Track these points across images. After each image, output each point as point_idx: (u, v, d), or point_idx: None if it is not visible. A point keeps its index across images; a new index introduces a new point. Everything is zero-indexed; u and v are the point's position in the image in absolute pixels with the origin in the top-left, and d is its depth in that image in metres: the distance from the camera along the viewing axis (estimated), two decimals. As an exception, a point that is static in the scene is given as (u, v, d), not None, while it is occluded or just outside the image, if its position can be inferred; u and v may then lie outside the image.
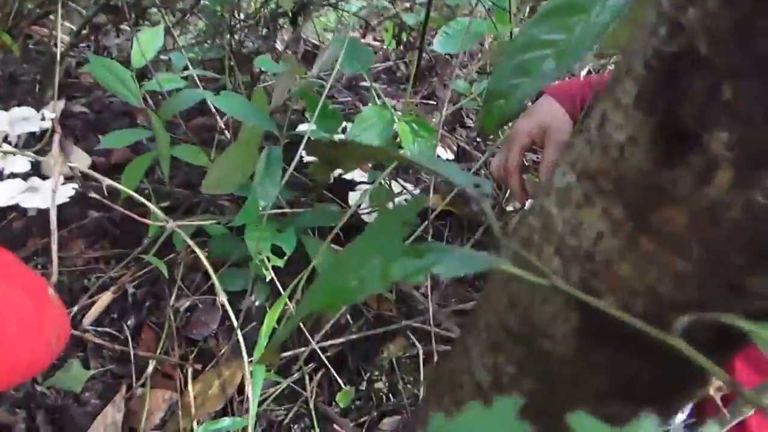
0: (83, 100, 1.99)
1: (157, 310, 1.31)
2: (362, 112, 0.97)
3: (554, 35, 0.52)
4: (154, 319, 1.29)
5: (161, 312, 1.30)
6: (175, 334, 1.24)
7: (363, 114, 0.97)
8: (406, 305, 1.35)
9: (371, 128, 0.96)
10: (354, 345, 1.26)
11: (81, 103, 1.98)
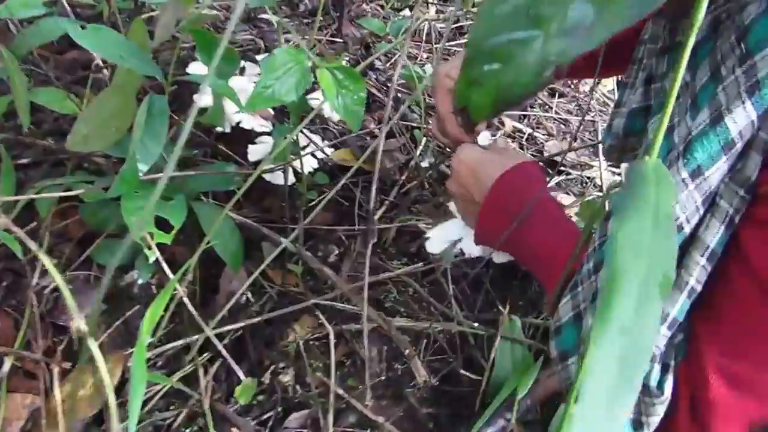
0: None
1: (16, 290, 1.09)
2: (273, 57, 0.78)
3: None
4: (13, 303, 1.06)
5: (22, 293, 1.08)
6: (38, 321, 1.03)
7: (275, 58, 0.77)
8: (313, 279, 1.19)
9: (286, 77, 0.77)
10: (255, 329, 1.09)
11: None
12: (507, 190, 0.93)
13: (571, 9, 0.34)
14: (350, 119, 0.80)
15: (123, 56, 0.93)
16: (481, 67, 0.37)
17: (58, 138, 1.33)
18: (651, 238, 0.35)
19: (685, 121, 0.65)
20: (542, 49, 0.34)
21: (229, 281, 1.13)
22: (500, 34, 0.36)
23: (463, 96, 0.38)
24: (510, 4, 0.36)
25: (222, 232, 1.05)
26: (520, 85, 0.35)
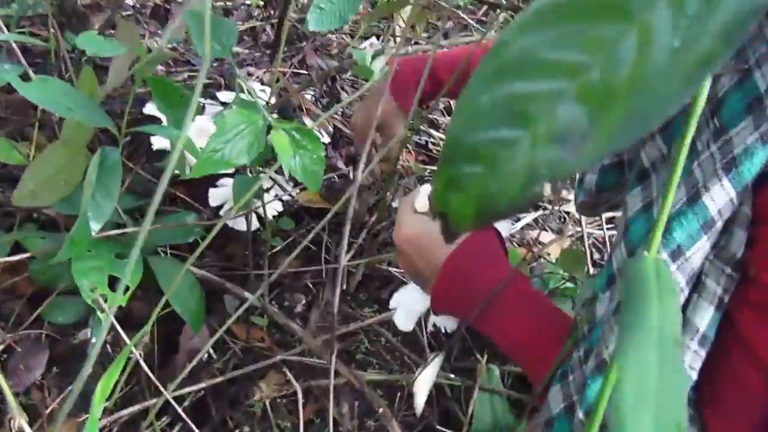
0: None
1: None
2: (223, 118, 0.73)
3: (569, 53, 0.30)
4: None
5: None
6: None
7: (227, 120, 0.72)
8: (279, 332, 1.13)
9: (237, 139, 0.72)
10: (218, 389, 1.03)
11: None
12: (459, 273, 0.84)
13: (561, 109, 0.29)
14: (309, 180, 0.76)
15: (71, 108, 0.88)
16: (462, 168, 0.31)
17: (8, 185, 1.26)
18: (657, 378, 0.31)
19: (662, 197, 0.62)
20: (530, 157, 0.29)
21: (189, 338, 1.07)
22: (482, 131, 0.31)
23: (442, 200, 0.33)
24: (491, 96, 0.31)
25: (181, 290, 1.00)
26: (506, 196, 0.30)
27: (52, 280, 1.04)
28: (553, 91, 0.29)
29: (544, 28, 0.30)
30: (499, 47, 0.31)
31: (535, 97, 0.30)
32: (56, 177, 0.94)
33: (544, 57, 0.30)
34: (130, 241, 1.00)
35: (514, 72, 0.30)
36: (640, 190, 0.66)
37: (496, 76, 0.31)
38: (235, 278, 1.13)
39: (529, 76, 0.30)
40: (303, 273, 1.23)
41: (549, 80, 0.29)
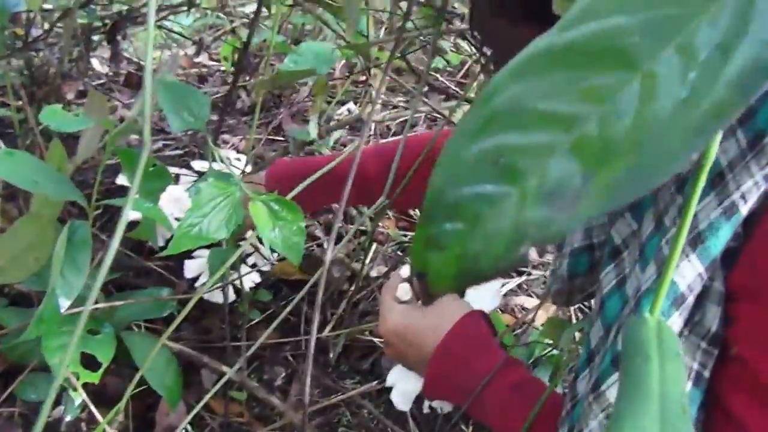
0: None
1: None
2: (199, 191, 0.71)
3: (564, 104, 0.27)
4: None
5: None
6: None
7: (202, 194, 0.70)
8: (259, 406, 1.09)
9: (214, 213, 0.70)
10: (196, 467, 0.99)
11: None
12: (450, 365, 0.83)
13: (552, 162, 0.26)
14: (290, 252, 0.73)
15: (38, 182, 0.85)
16: (442, 226, 0.29)
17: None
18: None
19: (635, 273, 0.62)
20: (517, 215, 0.27)
21: (165, 415, 1.03)
22: (466, 186, 0.28)
23: (420, 259, 0.30)
24: (476, 148, 0.28)
25: (157, 365, 0.96)
26: (489, 256, 0.27)
27: (23, 356, 1.00)
28: (545, 144, 0.27)
29: (538, 76, 0.28)
30: (487, 96, 0.29)
31: (525, 151, 0.27)
32: (25, 253, 0.91)
33: (536, 107, 0.27)
34: (103, 316, 0.97)
35: (503, 123, 0.28)
36: (614, 267, 0.66)
37: (483, 126, 0.28)
38: (213, 351, 1.10)
39: (520, 127, 0.28)
40: (282, 345, 1.20)
41: (541, 132, 0.27)
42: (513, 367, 0.81)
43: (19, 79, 1.47)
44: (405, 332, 0.85)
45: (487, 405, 0.79)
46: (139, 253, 1.23)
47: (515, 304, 1.45)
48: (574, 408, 0.67)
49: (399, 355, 0.88)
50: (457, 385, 0.82)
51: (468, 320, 0.84)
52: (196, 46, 2.30)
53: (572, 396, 0.68)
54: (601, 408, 0.61)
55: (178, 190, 1.28)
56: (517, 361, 0.82)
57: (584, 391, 0.65)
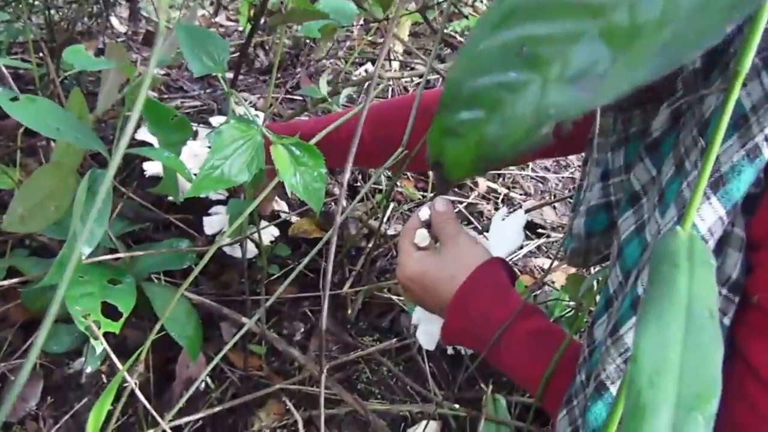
0: None
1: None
2: (220, 133, 0.69)
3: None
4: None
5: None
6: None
7: (223, 135, 0.69)
8: (278, 359, 1.10)
9: (236, 156, 0.69)
10: (216, 418, 0.99)
11: None
12: (467, 310, 0.82)
13: (578, 50, 0.26)
14: (310, 198, 0.72)
15: (60, 129, 0.84)
16: (460, 115, 0.29)
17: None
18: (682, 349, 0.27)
19: (654, 218, 0.61)
20: (539, 99, 0.27)
21: (185, 367, 1.04)
22: (486, 75, 0.28)
23: (437, 147, 0.30)
24: (498, 40, 0.28)
25: (177, 316, 0.96)
26: (508, 140, 0.27)
27: (44, 307, 1.00)
28: (571, 32, 0.27)
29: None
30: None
31: (549, 39, 0.27)
32: (46, 202, 0.90)
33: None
34: (123, 266, 0.97)
35: (527, 14, 0.28)
36: (632, 213, 0.66)
37: (506, 18, 0.28)
38: (232, 305, 1.10)
39: (544, 17, 0.28)
40: (301, 300, 1.20)
41: (567, 21, 0.27)
42: (531, 315, 0.80)
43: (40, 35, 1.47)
44: (423, 279, 0.85)
45: (504, 353, 0.78)
46: (158, 207, 1.23)
47: (534, 265, 1.44)
48: (592, 354, 0.66)
49: (417, 300, 0.88)
50: (474, 334, 0.81)
51: (485, 269, 0.82)
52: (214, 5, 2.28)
53: (590, 342, 0.68)
54: (619, 352, 0.60)
55: (197, 145, 1.27)
56: (536, 309, 0.81)
57: (602, 336, 0.65)
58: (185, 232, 1.20)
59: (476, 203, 1.61)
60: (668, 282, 0.29)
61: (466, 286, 0.81)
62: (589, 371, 0.66)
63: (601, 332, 0.66)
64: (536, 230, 1.56)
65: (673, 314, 0.28)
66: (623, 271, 0.64)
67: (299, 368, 1.07)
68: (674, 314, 0.28)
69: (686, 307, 0.28)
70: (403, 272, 0.86)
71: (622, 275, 0.64)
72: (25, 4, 1.51)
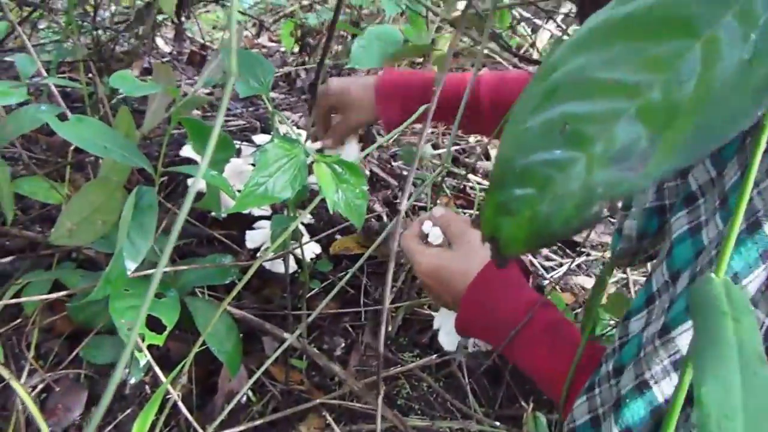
0: None
1: (2, 393, 1.00)
2: (265, 152, 0.71)
3: (627, 73, 0.29)
4: (-1, 407, 0.98)
5: (7, 396, 0.99)
6: (24, 426, 0.95)
7: (267, 154, 0.71)
8: (318, 374, 1.10)
9: (279, 174, 0.70)
10: (257, 431, 1.00)
11: None
12: (479, 304, 0.85)
13: (619, 128, 0.28)
14: (352, 214, 0.73)
15: (107, 147, 0.87)
16: (512, 192, 0.30)
17: (46, 226, 1.27)
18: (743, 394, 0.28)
19: (714, 221, 0.60)
20: (586, 177, 0.28)
21: (227, 380, 1.05)
22: (534, 153, 0.30)
23: (491, 224, 0.32)
24: (542, 118, 0.30)
25: (218, 330, 0.97)
26: (560, 218, 0.29)
27: (90, 319, 1.03)
28: (610, 111, 0.28)
29: (599, 48, 0.29)
30: (549, 68, 0.30)
31: (591, 118, 0.28)
32: (93, 216, 0.93)
33: (599, 77, 0.29)
34: (167, 280, 0.99)
35: (567, 93, 0.30)
36: (686, 213, 0.65)
37: (547, 97, 0.30)
38: (274, 320, 1.11)
39: (584, 96, 0.29)
40: (342, 316, 1.20)
41: (606, 100, 0.28)
42: (543, 308, 0.81)
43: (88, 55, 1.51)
44: (438, 274, 0.88)
45: (517, 347, 0.80)
46: (202, 223, 1.25)
47: (574, 284, 1.43)
48: (623, 347, 0.66)
49: (436, 296, 0.91)
50: (486, 327, 0.84)
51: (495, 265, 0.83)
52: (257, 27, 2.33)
53: (622, 334, 0.67)
54: (668, 353, 0.59)
55: (240, 163, 1.29)
56: (547, 302, 0.83)
57: (638, 330, 0.65)
58: (228, 247, 1.22)
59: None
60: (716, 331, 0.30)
61: (478, 280, 0.84)
62: (618, 363, 0.65)
63: (637, 327, 0.66)
64: (576, 248, 1.55)
65: (728, 361, 0.29)
66: (670, 270, 0.63)
67: (339, 383, 1.07)
68: (728, 361, 0.29)
69: (738, 353, 0.29)
70: (420, 268, 0.90)
71: (669, 274, 0.64)
72: (75, 25, 1.56)
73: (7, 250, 1.19)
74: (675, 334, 0.59)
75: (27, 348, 1.05)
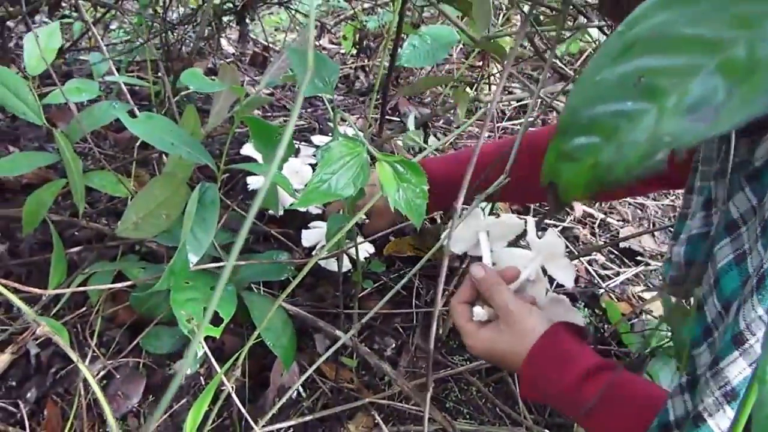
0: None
1: (66, 377, 1.05)
2: (329, 149, 0.73)
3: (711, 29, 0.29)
4: (61, 390, 1.02)
5: (71, 380, 1.04)
6: (85, 411, 0.99)
7: (332, 151, 0.72)
8: (368, 373, 1.12)
9: (343, 171, 0.72)
10: (306, 427, 1.02)
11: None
12: (534, 387, 0.84)
13: (696, 82, 0.28)
14: (412, 213, 0.75)
15: (174, 144, 0.90)
16: (577, 140, 0.31)
17: (112, 219, 1.31)
18: None
19: (757, 250, 0.59)
20: (654, 127, 0.29)
21: (279, 375, 1.07)
22: (604, 104, 0.31)
23: (552, 170, 0.32)
24: (617, 71, 0.31)
25: (273, 325, 1.00)
26: (623, 165, 0.30)
27: (150, 310, 1.06)
28: (689, 65, 0.28)
29: (683, 4, 0.30)
30: (630, 23, 0.31)
31: (668, 72, 0.29)
32: (158, 211, 0.96)
33: (681, 32, 0.29)
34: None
35: (646, 47, 0.30)
36: (729, 241, 0.64)
37: (625, 50, 0.31)
38: (326, 317, 1.13)
39: (663, 51, 0.30)
40: (393, 316, 1.22)
41: (686, 55, 0.29)
42: (598, 373, 0.80)
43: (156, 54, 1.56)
44: (492, 355, 0.88)
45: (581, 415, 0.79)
46: (259, 220, 1.28)
47: (632, 293, 1.41)
48: (691, 384, 0.65)
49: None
50: (548, 396, 0.83)
51: (543, 342, 0.83)
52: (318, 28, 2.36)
53: (690, 370, 0.66)
54: (718, 385, 0.59)
55: (298, 162, 1.32)
56: (607, 364, 0.81)
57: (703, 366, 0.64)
58: (284, 245, 1.25)
59: (572, 227, 1.60)
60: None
61: (528, 363, 0.83)
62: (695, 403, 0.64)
63: (701, 361, 0.65)
64: (635, 258, 1.53)
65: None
66: (721, 301, 0.63)
67: (389, 383, 1.09)
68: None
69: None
70: (474, 350, 0.90)
71: (720, 305, 0.63)
72: (145, 26, 1.62)
73: (76, 241, 1.24)
74: (723, 365, 0.58)
75: (91, 336, 1.09)
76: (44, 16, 2.06)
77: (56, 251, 1.02)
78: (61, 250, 1.02)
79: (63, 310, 1.12)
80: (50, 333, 0.66)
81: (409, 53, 1.23)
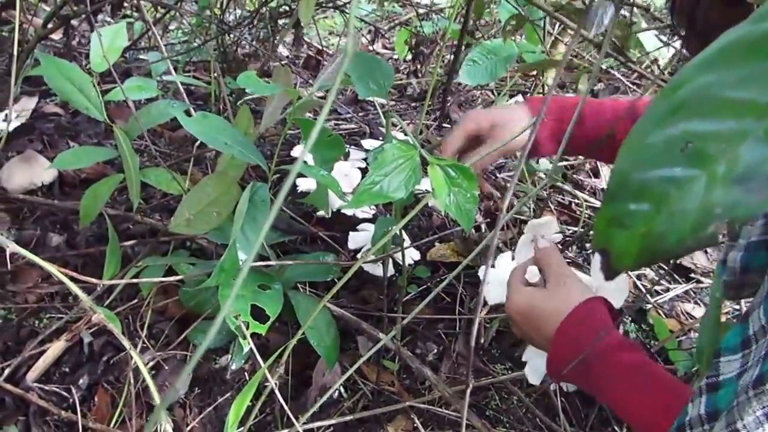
0: (57, 99, 1.76)
1: (116, 366, 1.08)
2: (383, 151, 0.74)
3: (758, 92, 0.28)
4: (112, 378, 1.05)
5: (121, 369, 1.07)
6: (134, 400, 1.01)
7: (385, 153, 0.73)
8: (409, 377, 1.12)
9: (395, 174, 0.73)
10: (346, 427, 1.03)
11: (55, 103, 1.74)
12: (569, 346, 0.84)
13: (745, 149, 0.27)
14: (462, 218, 0.75)
15: (227, 143, 0.92)
16: (627, 206, 0.31)
17: (165, 215, 1.35)
18: None
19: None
20: (704, 196, 0.28)
21: (322, 374, 1.08)
22: (652, 169, 0.30)
23: (603, 236, 0.32)
24: (664, 134, 0.30)
25: (318, 325, 1.01)
26: (675, 235, 0.29)
27: (199, 304, 1.09)
28: (736, 130, 0.27)
29: (729, 66, 0.29)
30: (675, 85, 0.30)
31: (715, 137, 0.28)
32: (209, 208, 0.98)
33: (727, 95, 0.28)
34: (273, 274, 1.03)
35: (692, 110, 0.29)
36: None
37: (671, 113, 0.30)
38: (369, 320, 1.14)
39: (710, 114, 0.29)
40: (436, 322, 1.22)
41: (733, 119, 0.28)
42: (630, 349, 0.81)
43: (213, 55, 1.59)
44: (530, 313, 0.88)
45: (605, 384, 0.80)
46: (307, 221, 1.30)
47: (682, 310, 1.39)
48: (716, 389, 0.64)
49: (524, 334, 0.91)
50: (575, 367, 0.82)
51: (587, 306, 0.84)
52: (372, 33, 2.38)
53: (712, 374, 0.65)
54: (762, 405, 0.57)
55: (348, 166, 1.33)
56: (635, 346, 0.82)
57: (732, 374, 0.63)
58: (330, 247, 1.26)
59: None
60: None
61: (569, 321, 0.84)
62: (713, 408, 0.63)
63: (728, 369, 0.64)
64: (686, 274, 1.50)
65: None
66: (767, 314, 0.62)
67: (429, 388, 1.09)
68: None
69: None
70: (512, 306, 0.90)
71: (766, 319, 0.62)
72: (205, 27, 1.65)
73: (130, 235, 1.28)
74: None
75: (141, 327, 1.12)
76: (107, 16, 2.13)
77: (111, 244, 1.05)
78: (116, 242, 1.06)
79: (116, 301, 1.15)
80: (105, 321, 0.68)
81: (469, 69, 1.23)
